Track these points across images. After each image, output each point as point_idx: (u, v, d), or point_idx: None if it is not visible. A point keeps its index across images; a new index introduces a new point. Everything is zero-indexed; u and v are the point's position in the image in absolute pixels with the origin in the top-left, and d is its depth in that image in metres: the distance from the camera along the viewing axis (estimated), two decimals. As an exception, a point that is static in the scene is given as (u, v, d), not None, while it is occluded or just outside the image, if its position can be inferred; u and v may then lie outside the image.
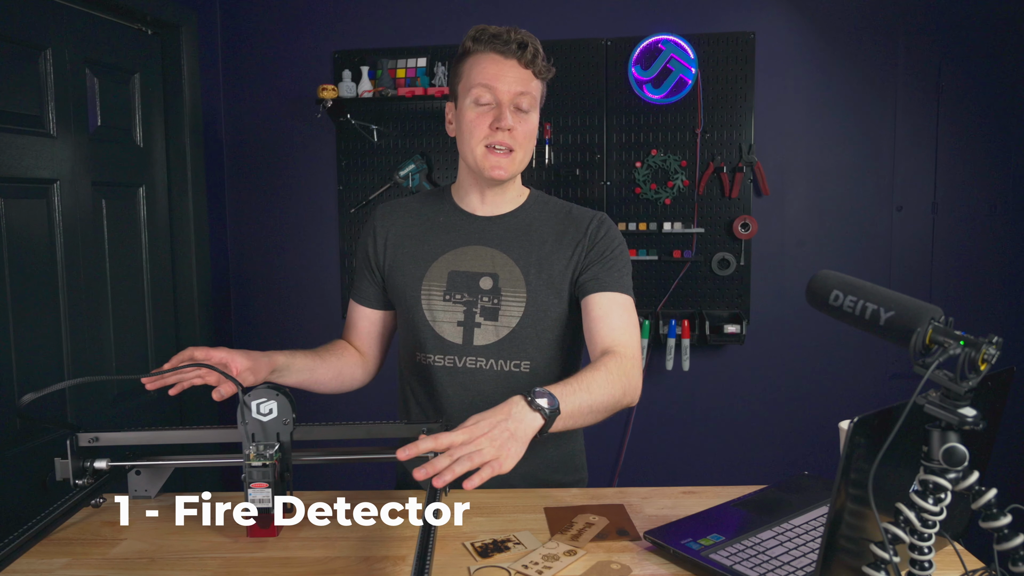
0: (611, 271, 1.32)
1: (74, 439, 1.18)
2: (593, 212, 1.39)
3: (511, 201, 1.39)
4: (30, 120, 2.02)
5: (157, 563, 1.04)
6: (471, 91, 1.28)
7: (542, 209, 1.40)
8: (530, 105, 1.28)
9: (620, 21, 2.74)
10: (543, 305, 1.33)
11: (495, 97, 1.26)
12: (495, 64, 1.26)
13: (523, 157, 1.31)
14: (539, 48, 1.28)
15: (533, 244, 1.35)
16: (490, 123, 1.27)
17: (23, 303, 1.96)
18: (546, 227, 1.37)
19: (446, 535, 1.10)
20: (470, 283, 1.34)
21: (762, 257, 2.78)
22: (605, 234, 1.35)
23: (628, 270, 1.36)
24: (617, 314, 1.30)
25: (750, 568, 0.97)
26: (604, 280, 1.31)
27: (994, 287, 2.72)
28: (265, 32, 2.87)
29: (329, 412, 2.78)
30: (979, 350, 0.69)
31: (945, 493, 0.73)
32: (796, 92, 2.73)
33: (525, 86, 1.27)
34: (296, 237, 2.94)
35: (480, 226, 1.37)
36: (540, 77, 1.30)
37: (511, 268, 1.34)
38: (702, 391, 2.84)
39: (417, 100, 2.67)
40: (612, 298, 1.30)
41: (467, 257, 1.36)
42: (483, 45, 1.27)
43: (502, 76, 1.26)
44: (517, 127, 1.27)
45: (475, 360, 1.34)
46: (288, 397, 1.14)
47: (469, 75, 1.29)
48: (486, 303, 1.33)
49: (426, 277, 1.36)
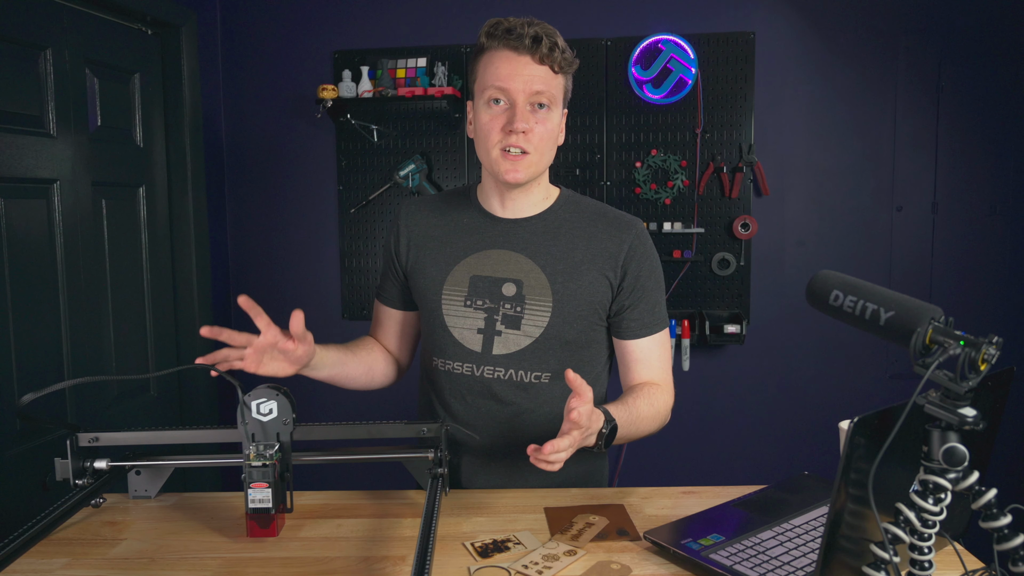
0: (653, 308, 1.31)
1: (74, 439, 1.18)
2: (630, 220, 1.32)
3: (537, 204, 1.31)
4: (30, 120, 2.02)
5: (157, 563, 1.04)
6: (485, 92, 1.21)
7: (573, 211, 1.32)
8: (549, 101, 1.21)
9: (620, 21, 2.74)
10: (570, 316, 1.27)
11: (509, 98, 1.19)
12: (508, 62, 1.19)
13: (539, 159, 1.24)
14: (557, 41, 1.20)
15: (562, 250, 1.28)
16: (503, 125, 1.20)
17: (23, 303, 1.96)
18: (576, 231, 1.30)
19: (446, 535, 1.10)
20: (492, 289, 1.28)
21: (762, 257, 2.78)
22: (644, 256, 1.30)
23: (663, 291, 1.34)
24: (657, 355, 1.32)
25: (750, 568, 0.97)
26: (648, 322, 1.31)
27: (994, 287, 2.72)
28: (265, 32, 2.87)
29: (330, 412, 2.78)
30: (979, 350, 0.69)
31: (945, 493, 0.73)
32: (796, 92, 2.73)
33: (542, 84, 1.20)
34: (296, 237, 2.94)
35: (504, 229, 1.31)
36: (561, 72, 1.22)
37: (537, 274, 1.27)
38: (702, 391, 2.84)
39: (417, 100, 2.67)
40: (653, 341, 1.32)
41: (490, 261, 1.29)
42: (497, 41, 1.20)
43: (515, 75, 1.18)
44: (534, 128, 1.20)
45: (493, 370, 1.29)
46: (288, 397, 1.14)
47: (483, 74, 1.22)
48: (508, 310, 1.27)
49: (447, 281, 1.30)
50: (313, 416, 2.18)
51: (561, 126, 1.30)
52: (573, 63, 1.25)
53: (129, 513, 1.21)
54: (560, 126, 1.29)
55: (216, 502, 1.26)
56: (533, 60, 1.19)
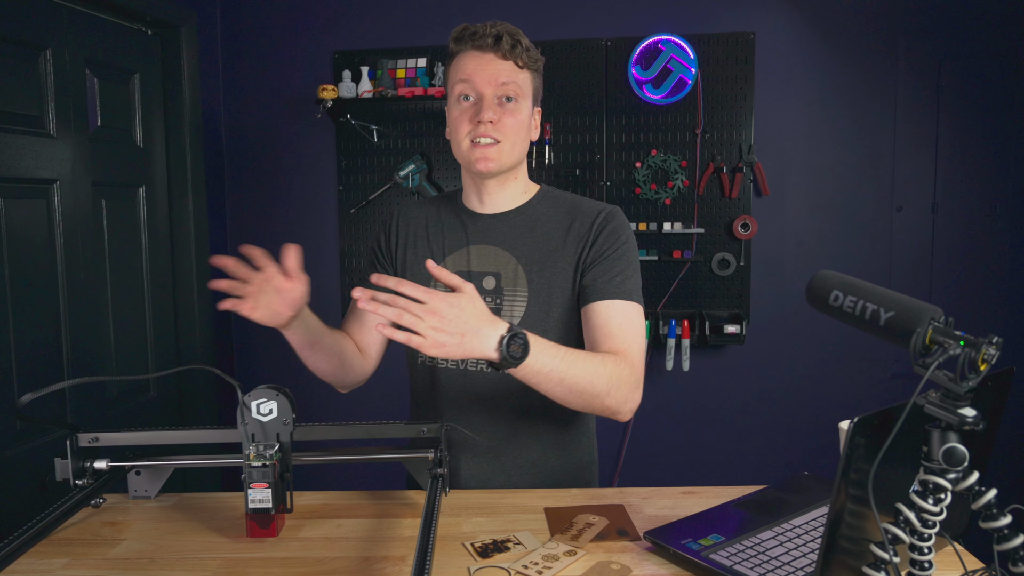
0: (614, 276, 1.27)
1: (74, 439, 1.18)
2: (603, 205, 1.33)
3: (515, 198, 1.35)
4: (30, 120, 2.02)
5: (157, 563, 1.04)
6: (454, 89, 1.28)
7: (551, 205, 1.35)
8: (516, 94, 1.26)
9: (620, 21, 2.74)
10: (545, 305, 1.30)
11: (476, 91, 1.25)
12: (474, 60, 1.26)
13: (511, 148, 1.27)
14: (519, 39, 1.26)
15: (538, 240, 1.32)
16: (471, 117, 1.25)
17: (23, 303, 1.96)
18: (553, 223, 1.33)
19: (446, 535, 1.10)
20: (474, 283, 1.28)
21: (762, 257, 2.78)
22: (611, 231, 1.29)
23: (633, 271, 1.29)
24: (617, 322, 1.25)
25: (750, 568, 0.97)
26: (603, 288, 1.26)
27: (994, 287, 2.72)
28: (265, 32, 2.87)
29: (330, 412, 2.79)
30: (979, 350, 0.69)
31: (945, 493, 0.73)
32: (796, 92, 2.73)
33: (507, 76, 1.25)
34: (296, 237, 2.91)
35: (485, 224, 1.35)
36: (525, 67, 1.27)
37: (514, 267, 1.32)
38: (702, 391, 2.84)
39: (417, 100, 2.67)
40: (611, 306, 1.25)
41: (472, 257, 1.34)
42: (464, 44, 1.27)
43: (481, 70, 1.25)
44: (503, 119, 1.25)
45: (476, 363, 1.32)
46: (288, 397, 1.14)
47: (452, 75, 1.29)
48: (488, 303, 1.30)
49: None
50: (313, 416, 2.18)
51: (535, 124, 1.34)
52: (538, 60, 1.30)
53: (129, 513, 1.21)
54: (533, 123, 1.33)
55: (216, 502, 1.26)
56: (497, 56, 1.26)
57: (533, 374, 1.09)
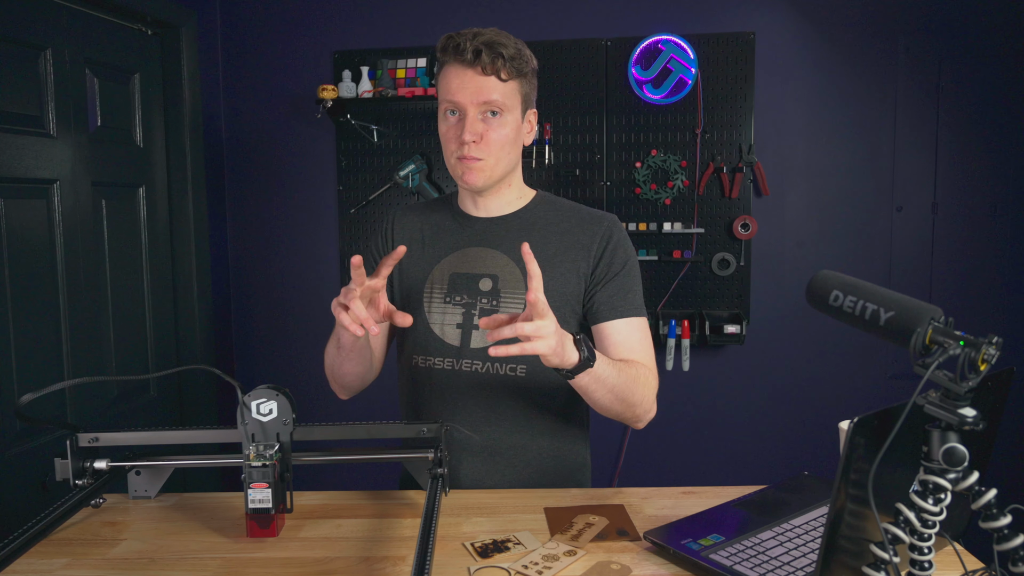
0: (625, 292, 1.31)
1: (74, 439, 1.18)
2: (603, 214, 1.36)
3: (511, 203, 1.37)
4: (30, 120, 2.02)
5: (157, 563, 1.04)
6: (441, 103, 1.29)
7: (548, 210, 1.37)
8: (501, 107, 1.25)
9: (620, 21, 2.74)
10: None
11: (460, 109, 1.25)
12: (457, 76, 1.25)
13: (496, 163, 1.28)
14: (502, 50, 1.23)
15: (536, 244, 1.32)
16: (456, 135, 1.26)
17: (23, 303, 1.96)
18: (551, 227, 1.35)
19: (446, 535, 1.10)
20: (470, 285, 1.33)
21: (762, 257, 2.78)
22: (617, 245, 1.33)
23: (639, 283, 1.34)
24: (637, 338, 1.31)
25: (750, 568, 0.97)
26: (619, 305, 1.30)
27: (994, 287, 2.72)
28: (265, 32, 2.87)
29: (329, 412, 2.78)
30: (979, 350, 0.69)
31: (945, 493, 0.73)
32: (796, 92, 2.73)
33: (489, 93, 1.23)
34: (296, 237, 2.94)
35: (482, 227, 1.36)
36: (511, 78, 1.25)
37: (511, 269, 1.32)
38: (702, 391, 2.84)
39: (417, 100, 2.67)
40: (628, 324, 1.30)
41: (468, 259, 1.35)
42: (448, 55, 1.26)
43: (463, 88, 1.24)
44: (487, 134, 1.25)
45: (471, 363, 1.32)
46: (288, 397, 1.14)
47: (440, 87, 1.29)
48: (485, 305, 1.32)
49: (429, 280, 1.35)
50: (313, 416, 2.18)
51: (530, 127, 1.34)
52: (525, 65, 1.27)
53: (129, 513, 1.21)
54: (526, 127, 1.32)
55: (216, 502, 1.26)
56: (477, 72, 1.24)
57: (593, 379, 1.15)
